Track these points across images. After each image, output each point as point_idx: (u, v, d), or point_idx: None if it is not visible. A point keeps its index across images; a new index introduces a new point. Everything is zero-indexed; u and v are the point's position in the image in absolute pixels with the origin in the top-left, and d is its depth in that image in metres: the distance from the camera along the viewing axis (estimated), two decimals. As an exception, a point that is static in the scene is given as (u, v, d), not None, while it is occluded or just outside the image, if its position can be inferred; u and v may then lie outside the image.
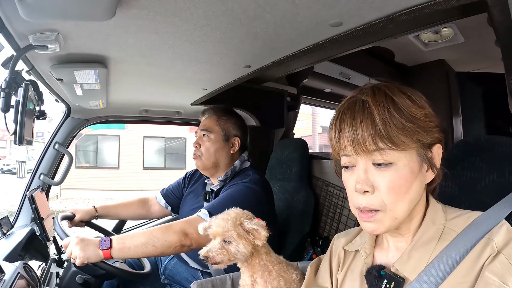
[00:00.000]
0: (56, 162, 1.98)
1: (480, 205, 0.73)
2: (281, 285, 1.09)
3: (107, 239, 1.23)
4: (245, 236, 1.07)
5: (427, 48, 2.20)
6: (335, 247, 0.95)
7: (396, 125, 0.67)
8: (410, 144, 0.68)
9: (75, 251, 1.20)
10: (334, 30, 0.98)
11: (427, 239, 0.73)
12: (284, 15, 0.89)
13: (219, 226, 1.07)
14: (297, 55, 1.18)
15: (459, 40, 2.01)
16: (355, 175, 0.72)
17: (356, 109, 0.70)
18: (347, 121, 0.71)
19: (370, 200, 0.70)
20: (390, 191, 0.68)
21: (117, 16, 0.83)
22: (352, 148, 0.70)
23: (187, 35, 1.01)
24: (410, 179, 0.69)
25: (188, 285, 1.62)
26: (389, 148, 0.67)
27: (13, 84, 1.05)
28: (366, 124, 0.68)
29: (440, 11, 0.80)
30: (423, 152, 0.70)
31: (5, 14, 0.84)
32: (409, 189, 0.69)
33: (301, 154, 2.13)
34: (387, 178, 0.68)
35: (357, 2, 0.81)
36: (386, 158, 0.68)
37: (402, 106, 0.68)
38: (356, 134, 0.69)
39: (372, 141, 0.67)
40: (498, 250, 0.63)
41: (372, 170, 0.70)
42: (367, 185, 0.69)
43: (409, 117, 0.68)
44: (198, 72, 1.43)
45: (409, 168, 0.69)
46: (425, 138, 0.70)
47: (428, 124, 0.70)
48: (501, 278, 0.60)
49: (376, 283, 0.75)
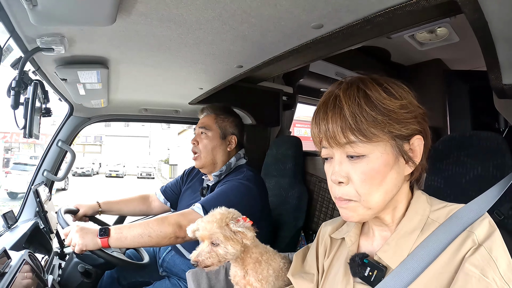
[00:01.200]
0: (59, 159, 2.04)
1: (465, 198, 0.76)
2: (270, 273, 1.11)
3: (105, 228, 1.29)
4: (232, 237, 1.06)
5: (422, 48, 2.22)
6: (322, 234, 0.98)
7: (367, 118, 0.68)
8: (381, 136, 0.69)
9: (75, 238, 1.26)
10: (316, 32, 1.05)
11: (410, 229, 0.74)
12: (269, 18, 0.96)
13: (205, 229, 1.06)
14: (284, 55, 1.25)
15: (454, 39, 2.04)
16: (332, 167, 0.75)
17: (328, 104, 0.73)
18: (320, 116, 0.74)
19: (344, 191, 0.73)
20: (362, 182, 0.70)
21: (117, 22, 0.91)
22: (327, 141, 0.73)
23: (182, 38, 1.09)
24: (384, 171, 0.70)
25: (184, 276, 1.68)
26: (360, 141, 0.69)
27: (22, 84, 1.13)
28: (336, 119, 0.70)
29: (413, 12, 0.84)
30: (398, 144, 0.71)
31: (16, 20, 0.92)
32: (383, 181, 0.70)
33: (296, 151, 2.18)
34: (359, 170, 0.71)
35: (334, 6, 0.87)
36: (358, 150, 0.70)
37: (374, 99, 0.69)
38: (328, 128, 0.71)
39: (342, 134, 0.69)
40: (479, 243, 0.64)
41: (346, 162, 0.72)
42: (341, 176, 0.72)
43: (381, 109, 0.68)
44: (193, 72, 1.50)
45: (382, 160, 0.70)
46: (399, 130, 0.70)
47: (403, 115, 0.70)
48: (481, 271, 0.61)
49: (359, 270, 0.77)
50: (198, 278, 1.27)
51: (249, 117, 2.39)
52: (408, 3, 0.81)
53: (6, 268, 1.08)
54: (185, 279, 1.67)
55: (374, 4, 0.85)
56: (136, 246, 1.40)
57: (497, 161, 1.04)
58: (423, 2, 0.79)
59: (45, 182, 1.97)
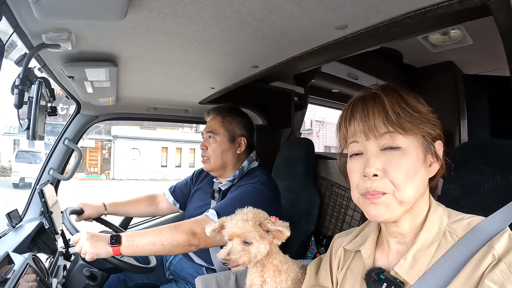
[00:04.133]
0: (66, 157, 2.01)
1: (482, 208, 0.75)
2: (288, 284, 1.08)
3: (116, 236, 1.25)
4: (265, 236, 1.06)
5: (435, 50, 2.18)
6: (336, 247, 0.96)
7: (404, 113, 0.71)
8: (415, 131, 0.72)
9: (86, 246, 1.22)
10: (339, 33, 1.00)
11: (428, 242, 0.73)
12: (291, 17, 0.90)
13: (237, 227, 1.05)
14: (303, 56, 1.19)
15: (468, 42, 1.99)
16: (363, 161, 0.74)
17: (367, 99, 0.76)
18: (359, 110, 0.76)
19: (378, 184, 0.72)
20: (399, 173, 0.71)
21: (128, 17, 0.85)
22: (363, 133, 0.74)
23: (196, 36, 1.03)
24: (417, 165, 0.72)
25: (192, 280, 1.64)
26: (398, 133, 0.71)
27: (26, 81, 1.08)
28: (378, 111, 0.73)
29: (444, 15, 0.81)
30: (428, 143, 0.74)
31: (20, 14, 0.87)
32: (415, 174, 0.71)
33: (307, 154, 2.14)
34: (395, 160, 0.71)
35: (363, 6, 0.82)
36: (396, 141, 0.72)
37: (408, 100, 0.73)
38: (368, 119, 0.73)
39: (383, 125, 0.72)
40: (498, 258, 0.63)
41: (381, 155, 0.73)
42: (377, 168, 0.71)
43: (414, 109, 0.73)
44: (206, 72, 1.45)
45: (415, 154, 0.72)
46: (429, 128, 0.74)
47: (431, 118, 0.75)
48: (500, 287, 0.60)
49: (376, 286, 0.75)
50: (208, 285, 1.25)
51: (260, 117, 2.35)
52: (440, 5, 0.78)
53: (9, 274, 1.06)
54: (192, 283, 1.65)
55: (405, 5, 0.81)
56: (148, 254, 1.37)
57: (518, 171, 1.02)
58: (456, 5, 0.76)
59: (51, 181, 1.93)
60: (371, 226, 0.90)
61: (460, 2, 0.75)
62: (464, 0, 0.74)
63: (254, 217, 1.07)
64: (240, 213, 1.10)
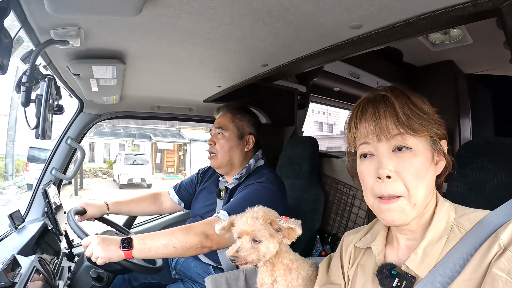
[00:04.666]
0: (68, 157, 1.98)
1: (488, 205, 0.75)
2: (299, 282, 1.08)
3: (128, 239, 1.23)
4: (275, 235, 1.05)
5: (435, 49, 2.19)
6: (346, 244, 0.98)
7: (413, 115, 0.73)
8: (424, 131, 0.73)
9: (97, 251, 1.20)
10: (353, 32, 1.00)
11: (437, 236, 0.75)
12: (307, 16, 0.90)
13: (247, 224, 1.04)
14: (314, 55, 1.19)
15: (468, 41, 2.00)
16: (375, 163, 0.75)
17: (377, 101, 0.77)
18: (369, 111, 0.77)
19: (392, 187, 0.73)
20: (411, 175, 0.72)
21: (142, 13, 0.83)
22: (375, 135, 0.75)
23: (209, 33, 1.01)
24: (427, 165, 0.74)
25: (199, 280, 1.63)
26: (409, 134, 0.73)
27: (33, 79, 1.05)
28: (390, 113, 0.74)
29: (456, 17, 0.83)
30: (435, 143, 0.76)
31: (29, 8, 0.84)
32: (426, 175, 0.73)
33: (311, 152, 2.14)
34: (407, 163, 0.73)
35: (379, 6, 0.83)
36: (407, 142, 0.73)
37: (416, 102, 0.75)
38: (379, 121, 0.75)
39: (395, 126, 0.73)
40: (504, 247, 0.65)
41: (393, 156, 0.74)
42: (389, 170, 0.72)
43: (422, 110, 0.75)
44: (214, 70, 1.43)
45: (425, 154, 0.74)
46: (437, 129, 0.76)
47: (437, 119, 0.77)
48: (508, 274, 0.62)
49: (388, 282, 0.77)
50: (218, 285, 1.23)
51: (263, 116, 2.35)
52: (454, 8, 0.80)
53: (17, 278, 1.04)
54: (199, 282, 1.65)
55: (420, 6, 0.83)
56: (160, 257, 1.34)
57: (522, 169, 1.05)
58: (469, 8, 0.78)
59: (54, 181, 1.90)
60: (380, 224, 0.91)
61: (474, 5, 0.77)
62: (478, 3, 0.76)
63: (264, 215, 1.06)
64: (250, 211, 1.10)
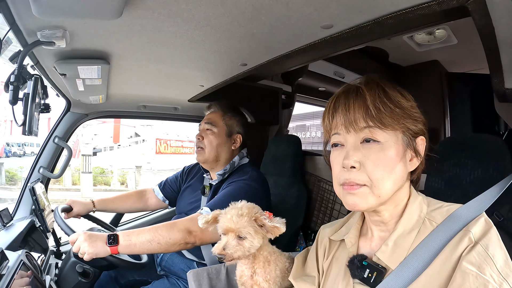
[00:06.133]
0: (56, 155, 2.01)
1: (465, 199, 0.76)
2: (277, 273, 1.11)
3: (114, 235, 1.27)
4: (259, 231, 1.07)
5: (420, 49, 2.24)
6: (321, 237, 0.99)
7: (385, 108, 0.73)
8: (395, 126, 0.74)
9: (84, 247, 1.24)
10: (325, 32, 1.04)
11: (408, 229, 0.75)
12: (279, 17, 0.94)
13: (232, 222, 1.05)
14: (291, 54, 1.23)
15: (452, 42, 2.06)
16: (343, 153, 0.76)
17: (350, 93, 0.78)
18: (341, 103, 0.78)
19: (356, 175, 0.74)
20: (376, 167, 0.73)
21: (123, 15, 0.88)
22: (344, 126, 0.76)
23: (188, 34, 1.06)
24: (395, 159, 0.73)
25: (184, 275, 1.66)
26: (378, 127, 0.73)
27: (21, 78, 1.09)
28: (359, 105, 0.75)
29: (424, 16, 0.85)
30: (408, 139, 0.76)
31: (17, 11, 0.89)
32: (393, 169, 0.73)
33: (295, 150, 2.18)
34: (373, 155, 0.73)
35: (346, 7, 0.87)
36: (375, 135, 0.74)
37: (390, 95, 0.75)
38: (348, 114, 0.75)
39: (363, 119, 0.74)
40: (475, 241, 0.65)
41: (360, 148, 0.75)
42: (354, 161, 0.73)
43: (397, 104, 0.74)
44: (196, 69, 1.48)
45: (394, 149, 0.74)
46: (411, 124, 0.75)
47: (414, 114, 0.76)
48: (478, 268, 0.62)
49: (359, 272, 0.78)
50: (200, 278, 1.26)
51: (248, 115, 2.38)
52: (420, 6, 0.83)
53: (4, 270, 1.06)
54: (184, 278, 1.66)
55: (386, 6, 0.86)
56: (145, 252, 1.39)
57: (498, 164, 1.06)
58: (435, 6, 0.80)
59: (41, 179, 1.93)
60: (355, 217, 0.93)
61: (438, 4, 0.79)
62: (442, 1, 0.78)
63: (249, 212, 1.07)
64: (234, 207, 1.11)
